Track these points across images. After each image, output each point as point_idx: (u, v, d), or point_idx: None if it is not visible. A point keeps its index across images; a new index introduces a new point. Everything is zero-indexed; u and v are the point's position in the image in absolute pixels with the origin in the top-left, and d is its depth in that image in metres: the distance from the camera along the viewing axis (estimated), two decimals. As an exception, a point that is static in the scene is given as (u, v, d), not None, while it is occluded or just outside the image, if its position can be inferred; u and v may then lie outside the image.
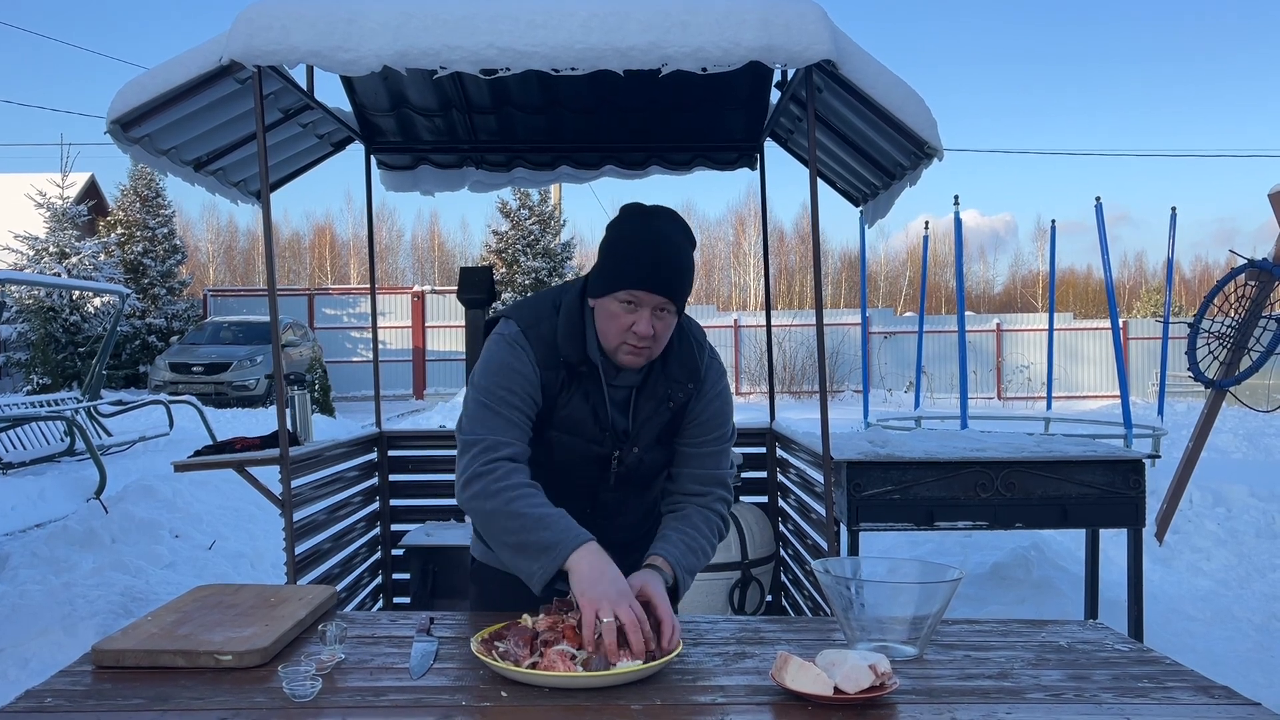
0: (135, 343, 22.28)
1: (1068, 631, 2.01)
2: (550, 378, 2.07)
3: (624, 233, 2.03)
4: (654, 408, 2.13)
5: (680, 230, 2.05)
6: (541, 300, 2.14)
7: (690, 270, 2.03)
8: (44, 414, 10.42)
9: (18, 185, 23.62)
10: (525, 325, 2.08)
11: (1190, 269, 56.28)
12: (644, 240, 1.99)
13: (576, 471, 2.15)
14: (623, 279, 1.97)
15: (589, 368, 2.07)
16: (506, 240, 24.43)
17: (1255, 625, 5.16)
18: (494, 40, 3.03)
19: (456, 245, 55.75)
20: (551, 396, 2.08)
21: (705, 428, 2.17)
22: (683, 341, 2.15)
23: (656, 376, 2.12)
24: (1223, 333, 6.72)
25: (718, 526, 2.17)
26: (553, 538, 1.89)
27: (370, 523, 4.65)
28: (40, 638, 4.56)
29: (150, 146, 3.59)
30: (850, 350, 23.88)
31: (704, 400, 2.16)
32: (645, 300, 1.97)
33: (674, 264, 1.99)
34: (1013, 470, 3.74)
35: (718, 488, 2.19)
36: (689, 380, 2.13)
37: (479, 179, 5.19)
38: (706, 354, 2.20)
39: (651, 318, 1.98)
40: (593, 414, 2.09)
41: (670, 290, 1.98)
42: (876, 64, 3.29)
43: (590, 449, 2.12)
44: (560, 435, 2.11)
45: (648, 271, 1.96)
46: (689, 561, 2.07)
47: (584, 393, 2.08)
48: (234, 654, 1.73)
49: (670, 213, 2.08)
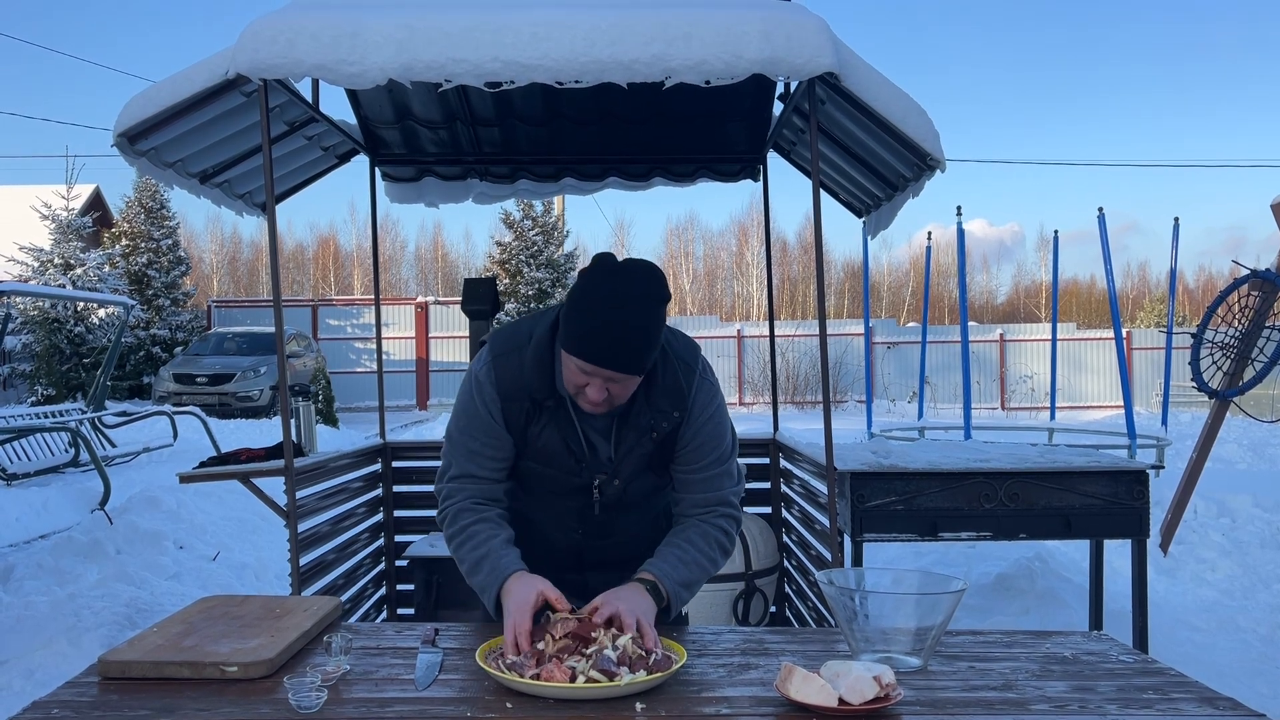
0: (139, 354, 22.31)
1: (1072, 643, 2.01)
2: (515, 410, 2.06)
3: (588, 294, 1.90)
4: (636, 438, 2.07)
5: (649, 294, 1.91)
6: (520, 328, 2.11)
7: (651, 340, 1.91)
8: (48, 425, 10.42)
9: (23, 197, 23.70)
10: (497, 354, 2.08)
11: (1194, 279, 56.22)
12: (605, 313, 1.87)
13: (560, 500, 2.14)
14: (578, 347, 1.89)
15: (556, 401, 2.05)
16: (510, 251, 24.46)
17: (1260, 636, 5.15)
18: (498, 53, 3.04)
19: (460, 256, 55.86)
20: (520, 428, 2.07)
21: (699, 454, 2.10)
22: (666, 368, 2.06)
23: (640, 406, 2.05)
24: (1226, 343, 6.72)
25: (717, 540, 2.12)
26: (483, 582, 2.02)
27: (374, 534, 4.65)
28: (45, 649, 4.56)
29: (157, 159, 3.61)
30: (854, 360, 23.87)
31: (694, 426, 2.08)
32: (596, 373, 1.91)
33: (632, 343, 1.88)
34: (1016, 481, 3.74)
35: (719, 507, 2.14)
36: (674, 409, 2.06)
37: (483, 191, 5.21)
38: (696, 376, 2.09)
39: (605, 384, 1.92)
40: (565, 446, 2.07)
41: (625, 368, 1.90)
42: (879, 76, 3.30)
43: (569, 480, 2.10)
44: (536, 466, 2.11)
45: (597, 347, 1.87)
46: (681, 574, 2.04)
47: (555, 424, 2.06)
48: (240, 665, 1.73)
49: (643, 271, 1.93)
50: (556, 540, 2.18)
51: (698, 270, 52.93)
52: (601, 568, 2.14)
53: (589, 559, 2.18)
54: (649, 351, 1.92)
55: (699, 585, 2.12)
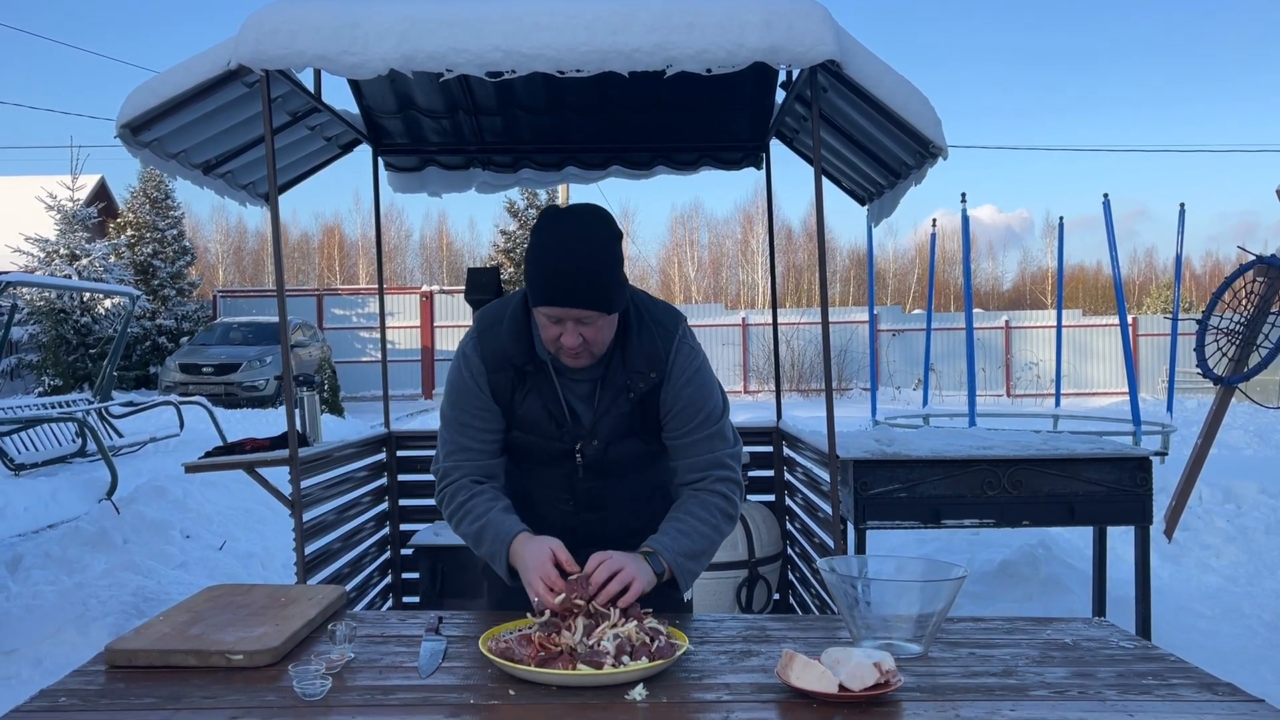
0: (145, 344, 22.38)
1: (1073, 629, 2.02)
2: (501, 380, 2.11)
3: (540, 242, 1.95)
4: (613, 398, 2.11)
5: (597, 230, 1.95)
6: (504, 303, 2.16)
7: (609, 272, 1.94)
8: (55, 415, 10.48)
9: (28, 188, 23.72)
10: (481, 329, 2.15)
11: (1201, 265, 55.95)
12: (560, 252, 1.92)
13: (547, 468, 2.20)
14: (542, 294, 1.94)
15: (536, 366, 2.10)
16: (514, 240, 24.48)
17: (1265, 622, 5.15)
18: (499, 43, 3.04)
19: (465, 245, 55.82)
20: (506, 398, 2.13)
21: (684, 416, 2.12)
22: (642, 329, 2.10)
23: (616, 368, 2.10)
24: (1231, 329, 6.71)
25: (718, 506, 2.13)
26: (490, 550, 2.08)
27: (379, 523, 4.67)
28: (53, 638, 4.59)
29: (160, 150, 3.62)
30: (859, 348, 23.86)
31: (674, 388, 2.11)
32: (564, 314, 1.94)
33: (589, 274, 1.91)
34: (1019, 468, 3.75)
35: (714, 469, 2.15)
36: (650, 369, 2.09)
37: (486, 180, 5.21)
38: (675, 340, 2.12)
39: (577, 327, 1.96)
40: (546, 412, 2.12)
41: (588, 302, 1.93)
42: (880, 64, 3.29)
43: (551, 445, 2.15)
44: (521, 435, 2.16)
45: (556, 287, 1.91)
46: (682, 545, 2.05)
47: (538, 391, 2.11)
48: (245, 653, 1.75)
49: (588, 212, 1.98)
50: (550, 516, 2.21)
51: (702, 258, 52.87)
52: (596, 544, 2.15)
53: (582, 534, 2.18)
54: (610, 286, 1.95)
55: (707, 556, 2.12)
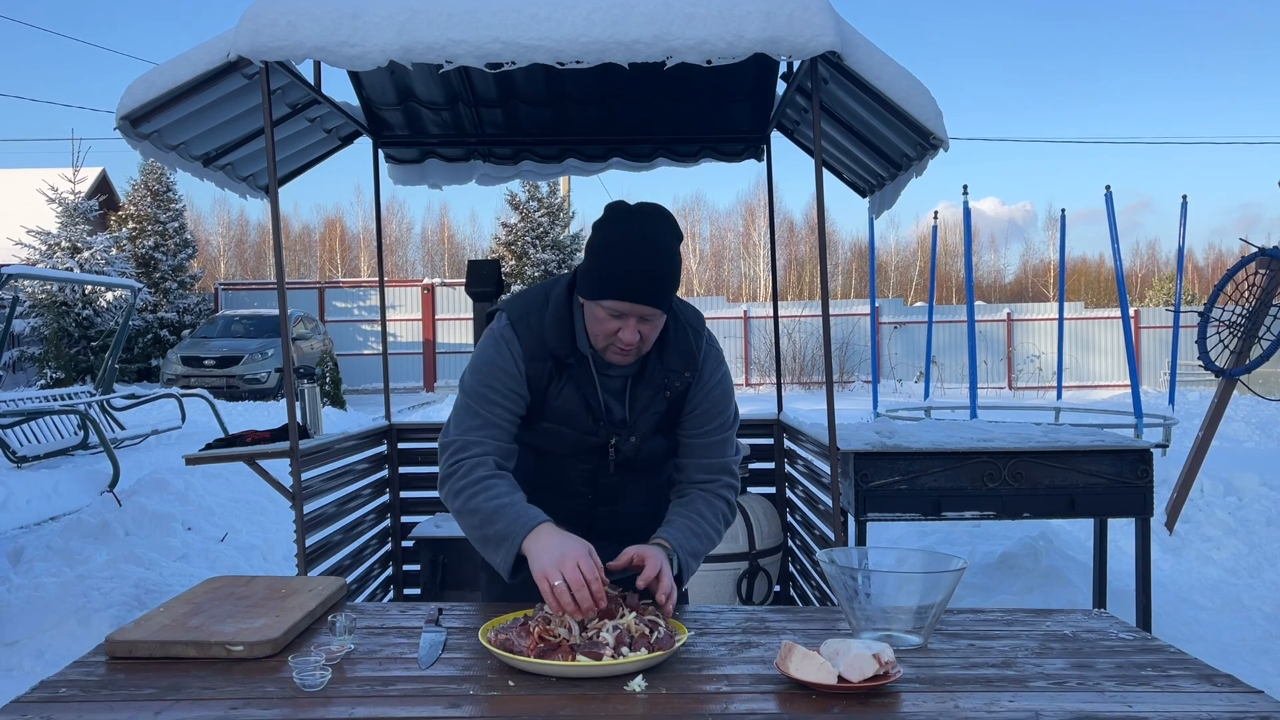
0: (147, 337, 22.38)
1: (1072, 621, 2.02)
2: (538, 370, 2.09)
3: (609, 238, 1.97)
4: (651, 396, 2.13)
5: (666, 231, 1.99)
6: (534, 293, 2.15)
7: (675, 273, 1.99)
8: (57, 408, 10.47)
9: (30, 180, 23.72)
10: (515, 319, 2.11)
11: (1203, 257, 55.86)
12: (629, 249, 1.94)
13: (575, 461, 2.18)
14: (607, 289, 1.94)
15: (578, 360, 2.09)
16: (516, 233, 24.45)
17: (1265, 614, 5.16)
18: (499, 34, 3.04)
19: (466, 237, 55.82)
20: (541, 388, 2.10)
21: (706, 417, 2.17)
22: (679, 330, 2.13)
23: (653, 366, 2.11)
24: (1233, 321, 6.70)
25: (723, 512, 2.18)
26: (505, 529, 1.96)
27: (380, 515, 4.68)
28: (55, 629, 4.61)
29: (159, 142, 3.62)
30: (860, 340, 23.86)
31: (703, 389, 2.16)
32: (630, 310, 1.96)
33: (659, 274, 1.94)
34: (1020, 460, 3.74)
35: (724, 475, 2.20)
36: (685, 369, 2.12)
37: (486, 172, 5.21)
38: (704, 341, 2.18)
39: (638, 324, 1.98)
40: (585, 404, 2.11)
41: (656, 300, 1.96)
42: (881, 55, 3.28)
43: (585, 439, 2.14)
44: (554, 426, 2.14)
45: (633, 283, 1.93)
46: (692, 545, 2.09)
47: (575, 384, 2.10)
48: (245, 645, 1.75)
49: (656, 212, 2.02)
50: (564, 508, 2.20)
51: (704, 251, 52.83)
52: (610, 537, 2.15)
53: (599, 528, 2.20)
54: (674, 286, 2.00)
55: (703, 558, 2.16)
